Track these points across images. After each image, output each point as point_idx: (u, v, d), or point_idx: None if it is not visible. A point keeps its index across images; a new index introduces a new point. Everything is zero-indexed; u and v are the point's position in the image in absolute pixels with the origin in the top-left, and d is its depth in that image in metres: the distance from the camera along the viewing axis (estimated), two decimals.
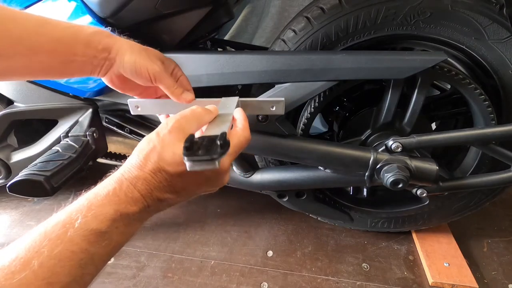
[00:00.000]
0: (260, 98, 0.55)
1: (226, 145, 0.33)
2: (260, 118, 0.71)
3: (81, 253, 0.30)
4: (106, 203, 0.33)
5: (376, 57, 0.65)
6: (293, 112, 0.78)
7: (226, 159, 0.39)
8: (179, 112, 0.41)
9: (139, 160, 0.37)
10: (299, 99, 0.69)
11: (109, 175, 0.37)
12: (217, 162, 0.32)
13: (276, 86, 0.71)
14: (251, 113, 0.56)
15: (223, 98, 0.55)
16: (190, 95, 0.53)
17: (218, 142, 0.33)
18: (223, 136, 0.34)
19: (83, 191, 0.36)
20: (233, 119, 0.46)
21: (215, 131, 0.37)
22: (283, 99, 0.56)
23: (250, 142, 0.44)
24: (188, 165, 0.32)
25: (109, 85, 0.52)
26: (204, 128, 0.44)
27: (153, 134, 0.38)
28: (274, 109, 0.56)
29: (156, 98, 0.57)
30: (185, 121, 0.39)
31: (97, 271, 0.33)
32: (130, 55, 0.47)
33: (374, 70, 0.65)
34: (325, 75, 0.66)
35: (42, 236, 0.30)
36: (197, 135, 0.37)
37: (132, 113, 0.58)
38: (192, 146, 0.32)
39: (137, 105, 0.57)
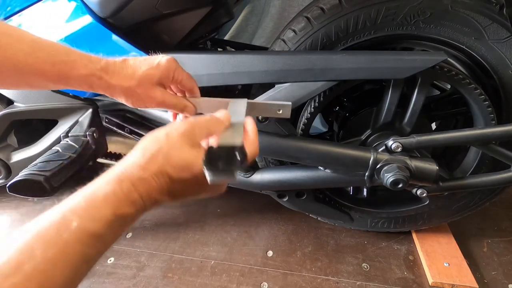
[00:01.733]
0: (268, 101, 0.55)
1: (244, 158, 0.34)
2: (260, 118, 0.71)
3: (76, 255, 0.29)
4: (104, 205, 0.32)
5: (376, 57, 0.65)
6: (293, 112, 0.78)
7: None
8: (195, 117, 0.41)
9: (144, 159, 0.35)
10: (299, 99, 0.69)
11: (106, 170, 0.35)
12: (236, 175, 0.33)
13: (276, 86, 0.71)
14: (257, 115, 0.56)
15: (231, 101, 0.54)
16: (191, 108, 0.54)
17: (238, 155, 0.33)
18: (242, 149, 0.34)
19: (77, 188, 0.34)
20: (245, 130, 0.45)
21: (230, 141, 0.37)
22: (290, 103, 0.55)
23: (257, 155, 0.43)
24: (209, 177, 0.32)
25: None
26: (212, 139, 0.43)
27: (161, 134, 0.36)
28: (280, 112, 0.56)
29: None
30: (198, 128, 0.38)
31: (88, 271, 0.32)
32: (126, 98, 0.48)
33: (374, 70, 0.65)
34: (325, 75, 0.66)
35: (34, 237, 0.28)
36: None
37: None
38: (212, 158, 0.33)
39: None
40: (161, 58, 0.50)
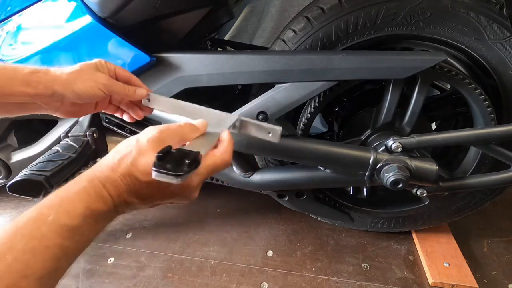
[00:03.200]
0: (259, 122, 0.56)
1: (194, 165, 0.35)
2: (260, 118, 0.71)
3: (55, 247, 0.31)
4: (77, 200, 0.34)
5: (376, 57, 0.65)
6: (293, 112, 0.78)
7: (194, 178, 0.40)
8: (167, 124, 0.42)
9: (113, 161, 0.38)
10: (299, 99, 0.69)
11: (81, 173, 0.38)
12: (180, 179, 0.33)
13: (276, 86, 0.71)
14: (247, 134, 0.56)
15: (225, 114, 0.55)
16: (143, 90, 0.55)
17: (186, 161, 0.35)
18: (195, 155, 0.36)
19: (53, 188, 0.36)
20: (220, 139, 0.46)
21: (195, 147, 0.39)
22: (280, 128, 0.55)
23: (228, 165, 0.45)
24: (153, 174, 0.34)
25: (66, 117, 0.54)
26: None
27: (132, 139, 0.40)
28: (270, 135, 0.56)
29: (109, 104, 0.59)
30: (167, 135, 0.40)
31: (69, 265, 0.34)
32: (75, 85, 0.49)
33: (374, 70, 0.65)
34: (325, 75, 0.66)
35: (14, 232, 0.30)
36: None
37: (142, 103, 0.58)
38: (164, 157, 0.34)
39: (149, 98, 0.57)
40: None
